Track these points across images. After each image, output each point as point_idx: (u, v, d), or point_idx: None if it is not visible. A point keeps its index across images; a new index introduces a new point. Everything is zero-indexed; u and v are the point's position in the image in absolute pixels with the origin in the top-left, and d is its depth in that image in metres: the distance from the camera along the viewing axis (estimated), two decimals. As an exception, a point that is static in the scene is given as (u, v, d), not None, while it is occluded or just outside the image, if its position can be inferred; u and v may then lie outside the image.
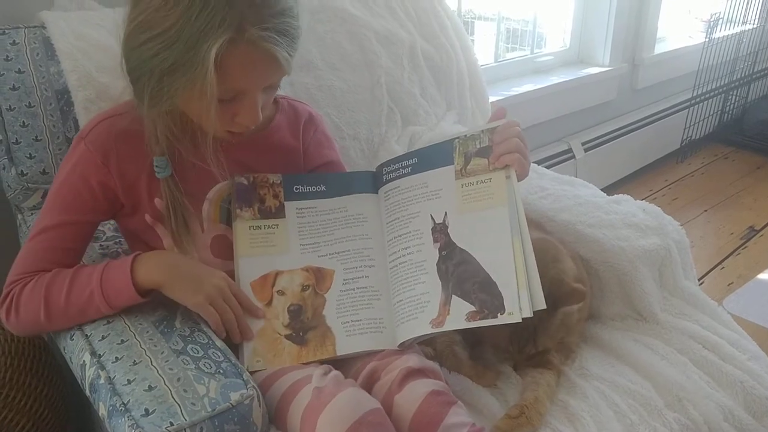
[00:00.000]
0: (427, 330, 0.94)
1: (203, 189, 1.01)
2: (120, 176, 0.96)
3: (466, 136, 1.02)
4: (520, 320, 0.88)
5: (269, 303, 0.98)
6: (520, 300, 0.89)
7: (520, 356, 1.08)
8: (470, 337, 1.12)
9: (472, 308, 0.92)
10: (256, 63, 0.85)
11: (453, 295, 0.94)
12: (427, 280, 0.97)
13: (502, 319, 0.89)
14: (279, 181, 1.04)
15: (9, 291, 0.94)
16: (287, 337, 0.97)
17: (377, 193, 1.07)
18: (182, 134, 0.95)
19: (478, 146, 1.00)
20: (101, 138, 0.95)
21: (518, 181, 0.97)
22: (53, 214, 0.96)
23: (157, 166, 0.95)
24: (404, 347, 0.97)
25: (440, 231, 0.98)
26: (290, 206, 1.04)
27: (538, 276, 0.90)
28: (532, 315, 0.88)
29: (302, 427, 0.84)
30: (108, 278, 0.91)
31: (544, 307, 0.89)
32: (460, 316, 0.92)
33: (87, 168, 0.95)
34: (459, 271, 0.95)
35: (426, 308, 0.95)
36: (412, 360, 0.93)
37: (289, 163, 1.08)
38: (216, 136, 0.91)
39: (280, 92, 1.29)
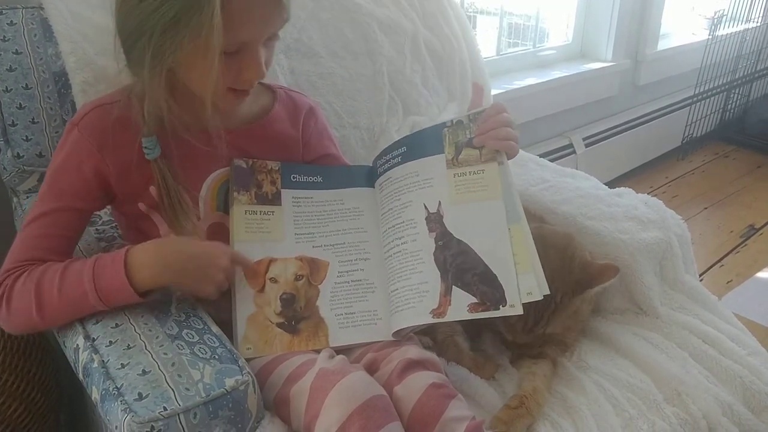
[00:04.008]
0: (428, 320, 0.93)
1: (201, 175, 1.00)
2: (114, 163, 0.94)
3: (453, 122, 1.01)
4: (522, 312, 0.88)
5: (261, 290, 0.97)
6: (520, 290, 0.89)
7: (526, 336, 1.06)
8: (471, 328, 1.11)
9: (474, 300, 0.91)
10: (260, 2, 0.85)
11: (453, 286, 0.93)
12: (424, 269, 0.96)
13: (504, 311, 0.89)
14: (277, 168, 1.04)
15: (1, 281, 0.91)
16: (279, 325, 0.96)
17: (374, 187, 1.07)
18: (181, 106, 0.92)
19: (468, 136, 0.99)
20: (95, 124, 0.94)
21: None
22: (47, 201, 0.94)
23: (146, 147, 0.93)
24: (399, 337, 0.97)
25: (435, 221, 0.97)
26: (287, 194, 1.03)
27: (539, 261, 0.90)
28: (541, 297, 0.88)
29: (308, 405, 0.83)
30: (102, 282, 0.87)
31: (548, 292, 0.89)
32: (462, 307, 0.91)
33: (81, 155, 0.94)
34: (458, 262, 0.94)
35: (425, 298, 0.94)
36: (411, 351, 0.92)
37: (287, 153, 1.07)
38: (216, 101, 0.89)
39: (279, 82, 1.29)
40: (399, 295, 0.97)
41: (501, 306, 0.89)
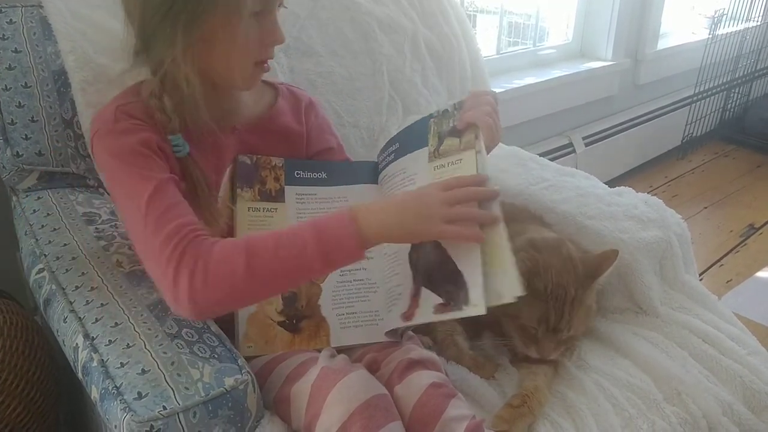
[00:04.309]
0: (399, 323, 0.91)
1: (218, 170, 0.99)
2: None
3: (439, 112, 0.98)
4: (484, 312, 0.80)
5: None
6: (490, 290, 0.81)
7: (551, 343, 1.04)
8: (471, 328, 1.11)
9: (440, 300, 0.86)
10: None
11: (423, 287, 0.90)
12: (400, 271, 0.95)
13: (466, 311, 0.82)
14: (281, 165, 1.03)
15: (180, 257, 0.80)
16: (280, 323, 0.96)
17: (378, 183, 1.06)
18: (207, 91, 0.91)
19: (451, 125, 0.96)
20: (130, 113, 0.90)
21: (488, 149, 0.92)
22: (143, 189, 0.84)
23: (176, 145, 0.91)
24: (395, 338, 0.96)
25: None
26: (290, 191, 1.03)
27: (514, 262, 0.82)
28: (513, 299, 0.80)
29: (309, 404, 0.83)
30: (326, 235, 0.81)
31: (521, 294, 0.80)
32: (428, 308, 0.87)
33: (138, 134, 0.88)
34: (429, 261, 0.90)
35: (399, 301, 0.93)
36: (412, 351, 0.92)
37: (292, 147, 1.07)
38: (244, 75, 0.91)
39: (280, 79, 1.29)
40: (386, 297, 0.97)
41: (464, 306, 0.82)
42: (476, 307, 0.81)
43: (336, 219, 0.82)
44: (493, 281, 0.82)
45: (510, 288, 0.80)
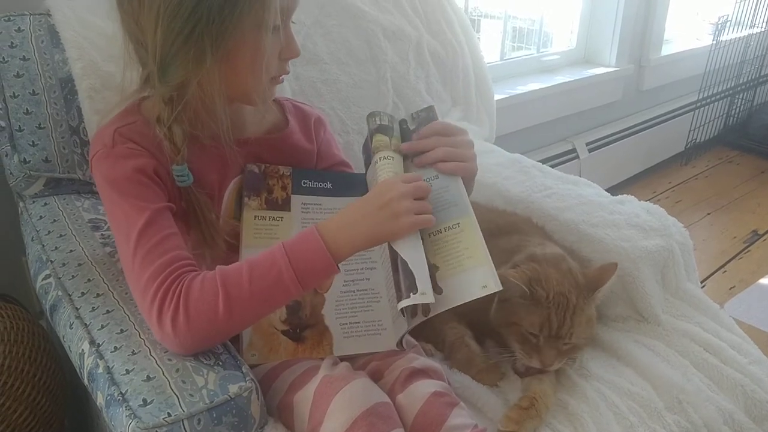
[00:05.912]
0: (411, 323, 0.89)
1: (222, 184, 1.00)
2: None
3: (377, 113, 1.02)
4: (432, 300, 0.81)
5: None
6: (476, 283, 0.82)
7: (547, 346, 1.03)
8: (475, 335, 1.12)
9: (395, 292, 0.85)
10: None
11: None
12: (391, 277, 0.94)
13: (415, 299, 0.81)
14: (288, 174, 1.04)
15: (165, 291, 0.82)
16: (284, 332, 0.96)
17: None
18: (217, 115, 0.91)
19: (378, 123, 0.99)
20: (129, 137, 0.91)
21: (467, 178, 0.95)
22: (136, 220, 0.85)
23: (179, 176, 0.92)
24: (402, 346, 0.96)
25: None
26: (296, 200, 1.04)
27: (489, 256, 0.84)
28: (496, 290, 0.81)
29: (312, 412, 0.83)
30: (297, 257, 0.83)
31: (501, 288, 0.81)
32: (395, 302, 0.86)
33: (134, 161, 0.89)
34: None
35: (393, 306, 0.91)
36: (415, 360, 0.92)
37: (303, 166, 1.08)
38: (263, 90, 0.92)
39: (284, 87, 1.30)
40: (392, 306, 0.96)
41: (412, 293, 0.81)
42: (424, 295, 0.81)
43: (304, 240, 0.84)
44: (478, 273, 0.83)
45: (494, 280, 0.82)
